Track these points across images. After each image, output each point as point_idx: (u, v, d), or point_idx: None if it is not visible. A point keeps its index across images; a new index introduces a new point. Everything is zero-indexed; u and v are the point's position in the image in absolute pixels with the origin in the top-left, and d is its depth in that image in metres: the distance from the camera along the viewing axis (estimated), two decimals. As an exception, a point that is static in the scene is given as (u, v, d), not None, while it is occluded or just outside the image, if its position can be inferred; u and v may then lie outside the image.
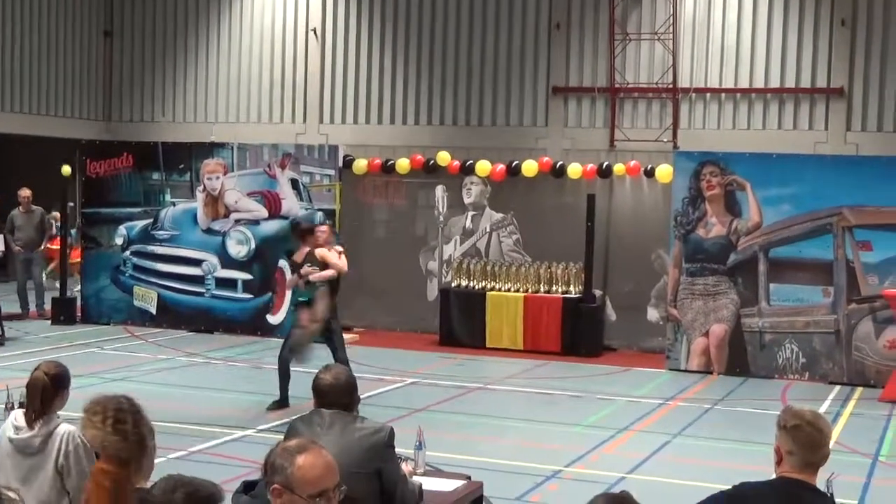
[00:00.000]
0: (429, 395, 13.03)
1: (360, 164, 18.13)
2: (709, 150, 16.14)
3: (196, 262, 17.39)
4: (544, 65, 19.12)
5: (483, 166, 17.54)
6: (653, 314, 16.67)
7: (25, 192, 18.22)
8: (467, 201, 17.84)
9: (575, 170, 17.13)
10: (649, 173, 16.84)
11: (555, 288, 16.48)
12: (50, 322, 17.55)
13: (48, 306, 18.04)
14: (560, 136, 18.88)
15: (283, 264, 16.46)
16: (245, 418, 11.43)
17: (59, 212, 18.70)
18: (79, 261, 18.69)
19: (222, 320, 17.21)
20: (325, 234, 12.02)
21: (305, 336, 11.65)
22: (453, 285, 17.10)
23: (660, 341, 16.01)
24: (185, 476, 3.66)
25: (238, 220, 17.20)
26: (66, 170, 19.83)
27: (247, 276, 17.06)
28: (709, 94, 18.25)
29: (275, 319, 16.90)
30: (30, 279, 18.31)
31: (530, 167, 17.32)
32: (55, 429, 5.49)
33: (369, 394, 12.21)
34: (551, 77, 19.04)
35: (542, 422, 11.78)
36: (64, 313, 17.62)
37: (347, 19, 20.46)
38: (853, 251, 14.32)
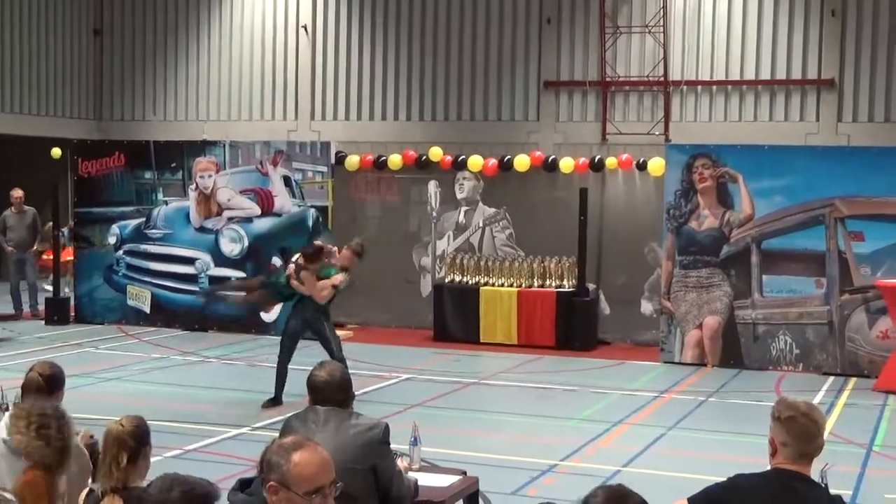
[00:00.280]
0: (424, 390, 13.04)
1: (353, 161, 18.11)
2: (700, 142, 16.17)
3: (189, 261, 17.37)
4: (535, 59, 19.12)
5: (475, 161, 17.54)
6: (646, 307, 16.68)
7: (17, 193, 18.19)
8: (460, 196, 17.84)
9: (567, 164, 17.13)
10: (641, 166, 16.85)
11: (548, 282, 16.48)
12: (44, 322, 17.52)
13: (41, 306, 18.02)
14: (552, 131, 18.88)
15: (276, 261, 16.45)
16: (240, 416, 11.43)
17: (50, 213, 18.57)
18: (71, 259, 18.68)
19: (216, 318, 17.19)
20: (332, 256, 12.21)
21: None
22: (447, 281, 17.10)
23: (654, 334, 16.04)
24: (180, 475, 3.67)
25: (231, 218, 17.18)
26: (56, 152, 19.67)
27: (240, 273, 17.02)
28: (700, 87, 18.25)
29: (268, 317, 16.88)
30: (23, 280, 18.27)
31: (522, 162, 17.32)
32: (50, 429, 5.48)
33: (364, 390, 12.22)
34: (542, 71, 19.03)
35: (537, 416, 11.80)
36: (57, 313, 17.58)
37: (338, 15, 20.43)
38: (845, 242, 14.34)
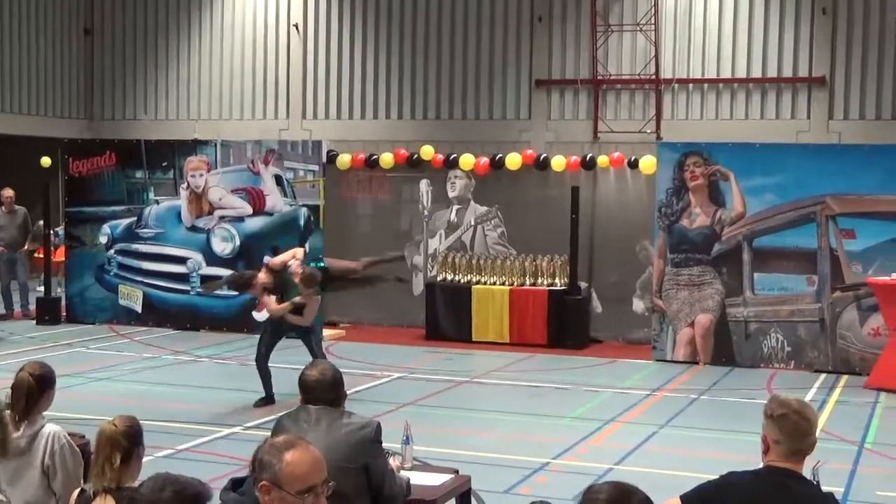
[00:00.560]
0: (416, 389, 13.04)
1: (344, 160, 18.10)
2: (692, 140, 16.17)
3: (181, 260, 17.33)
4: (527, 58, 19.11)
5: (467, 160, 17.53)
6: (638, 305, 16.69)
7: (8, 192, 18.14)
8: (451, 195, 17.83)
9: (559, 162, 17.13)
10: (633, 165, 16.86)
11: (540, 280, 16.49)
12: (35, 322, 17.48)
13: (32, 306, 17.97)
14: (543, 129, 18.88)
15: (268, 260, 16.42)
16: (232, 415, 11.42)
17: (41, 213, 18.55)
18: (63, 260, 18.63)
19: (208, 318, 17.17)
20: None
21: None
22: (439, 279, 17.10)
23: (645, 332, 16.05)
24: (172, 474, 3.66)
25: (222, 218, 17.15)
26: (46, 161, 19.66)
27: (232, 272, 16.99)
28: (691, 85, 18.27)
29: (260, 316, 16.82)
30: (14, 279, 18.22)
31: (514, 160, 17.32)
32: (40, 429, 5.47)
33: (356, 389, 12.21)
34: (534, 70, 19.03)
35: (530, 414, 11.79)
36: (49, 313, 17.53)
37: (329, 14, 20.41)
38: (837, 239, 14.36)
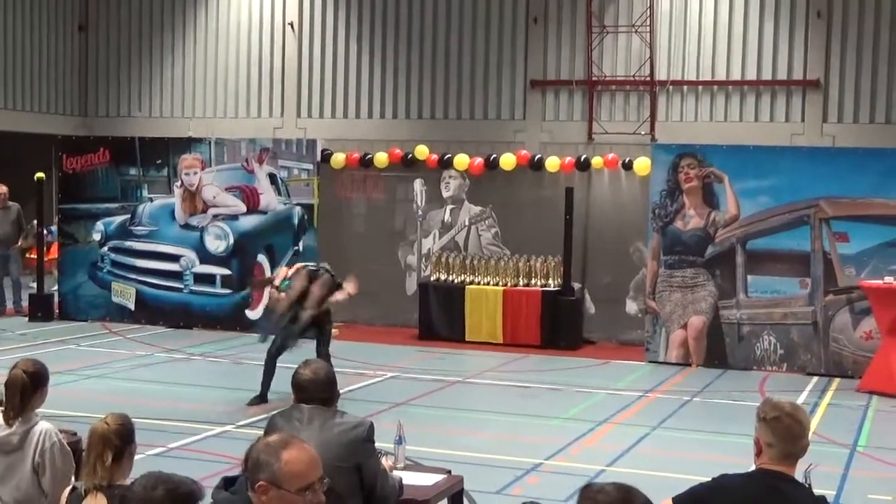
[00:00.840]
0: (408, 389, 13.03)
1: (339, 159, 18.09)
2: (686, 142, 16.17)
3: (174, 258, 17.32)
4: (522, 58, 19.11)
5: (461, 160, 17.53)
6: (631, 307, 16.70)
7: (1, 189, 18.09)
8: (446, 195, 17.83)
9: (553, 163, 17.14)
10: (627, 166, 16.87)
11: (534, 281, 16.49)
12: (27, 319, 17.44)
13: (25, 303, 17.94)
14: (538, 130, 18.88)
15: (262, 259, 16.44)
16: (225, 414, 11.40)
17: (34, 212, 18.45)
18: (55, 257, 18.59)
19: (201, 316, 17.15)
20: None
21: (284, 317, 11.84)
22: (432, 279, 17.09)
23: (638, 334, 16.05)
24: (165, 473, 3.65)
25: (216, 216, 17.13)
26: (41, 175, 19.57)
27: (225, 271, 17.00)
28: (686, 87, 18.28)
29: (253, 315, 16.85)
30: (6, 276, 18.18)
31: (508, 161, 17.32)
32: (33, 427, 5.47)
33: (349, 388, 12.20)
34: (529, 70, 19.03)
35: (522, 415, 11.80)
36: (41, 310, 17.50)
37: (324, 13, 20.39)
38: (830, 242, 14.38)
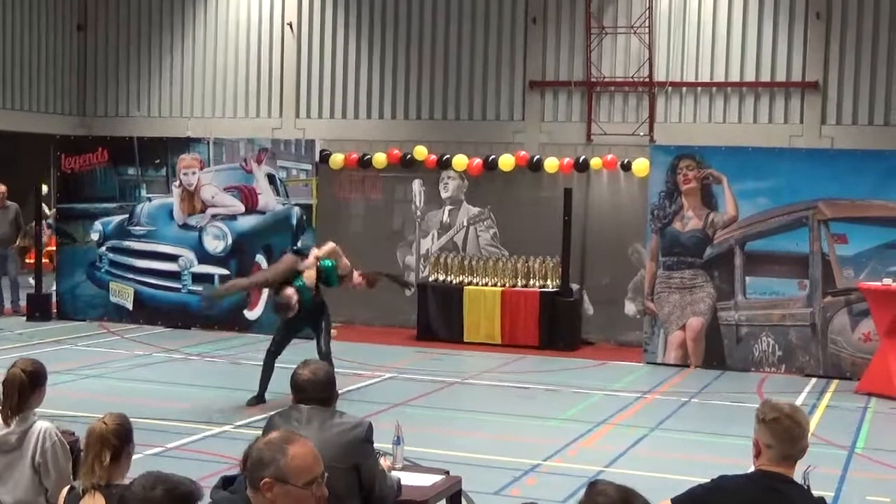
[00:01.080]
0: (407, 389, 13.03)
1: (337, 159, 18.08)
2: (685, 143, 16.18)
3: (172, 258, 17.31)
4: (521, 59, 19.13)
5: (460, 161, 17.53)
6: (630, 308, 16.70)
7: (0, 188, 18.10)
8: (444, 195, 17.82)
9: (552, 164, 17.14)
10: (626, 167, 16.87)
11: (532, 282, 16.48)
12: (25, 318, 17.43)
13: (23, 302, 17.92)
14: (537, 131, 18.89)
15: (260, 259, 16.42)
16: (223, 414, 11.39)
17: (33, 209, 18.46)
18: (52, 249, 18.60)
19: (199, 316, 17.13)
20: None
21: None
22: (431, 280, 17.09)
23: (637, 335, 16.04)
24: (163, 473, 3.65)
25: (214, 216, 17.12)
26: (42, 184, 19.57)
27: (224, 271, 16.99)
28: (685, 88, 18.30)
29: (252, 315, 16.85)
30: (5, 275, 18.17)
31: (507, 161, 17.32)
32: (31, 426, 5.46)
33: (347, 388, 12.19)
34: (528, 71, 19.04)
35: (520, 416, 11.79)
36: (39, 310, 17.48)
37: (323, 13, 20.40)
38: (829, 244, 14.38)
